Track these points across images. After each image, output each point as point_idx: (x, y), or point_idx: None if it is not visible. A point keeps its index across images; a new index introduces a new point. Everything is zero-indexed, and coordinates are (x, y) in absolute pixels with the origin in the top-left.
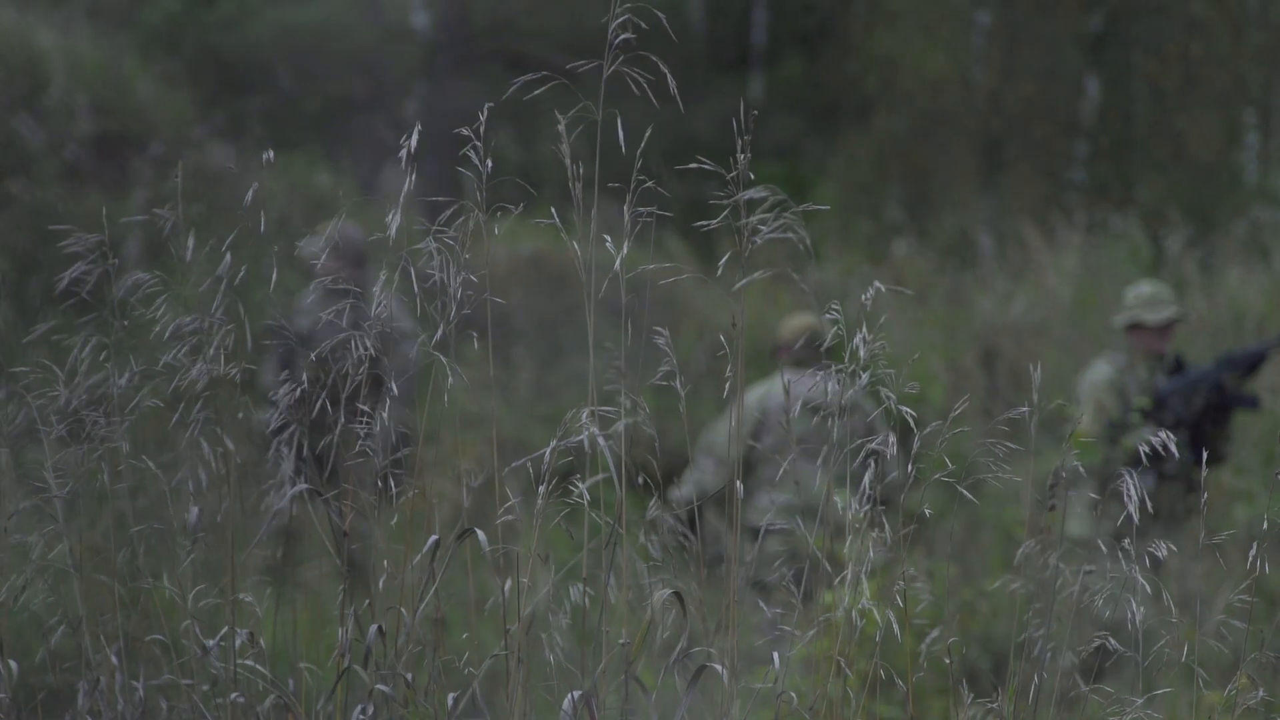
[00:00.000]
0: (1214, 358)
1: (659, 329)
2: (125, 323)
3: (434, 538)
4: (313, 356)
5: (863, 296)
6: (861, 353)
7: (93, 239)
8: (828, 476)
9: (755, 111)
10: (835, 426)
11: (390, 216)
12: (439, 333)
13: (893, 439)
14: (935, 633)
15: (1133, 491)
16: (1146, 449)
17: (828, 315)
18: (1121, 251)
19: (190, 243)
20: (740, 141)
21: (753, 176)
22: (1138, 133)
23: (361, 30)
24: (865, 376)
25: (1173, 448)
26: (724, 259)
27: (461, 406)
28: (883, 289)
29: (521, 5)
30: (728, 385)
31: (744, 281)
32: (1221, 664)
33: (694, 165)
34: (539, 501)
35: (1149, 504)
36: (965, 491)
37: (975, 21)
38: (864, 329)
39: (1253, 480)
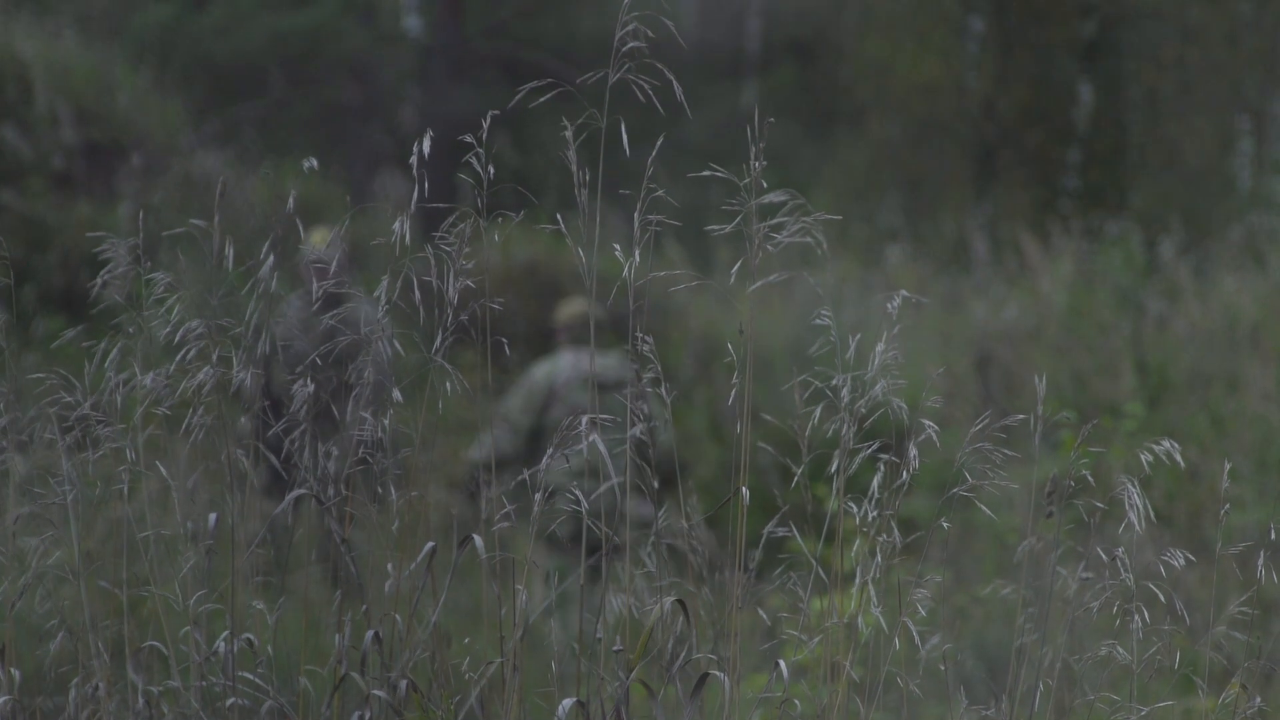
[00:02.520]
0: None
1: (644, 336)
2: (143, 329)
3: (430, 545)
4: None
5: (888, 306)
6: (875, 361)
7: (126, 243)
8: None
9: (771, 119)
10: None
11: (397, 223)
12: (438, 339)
13: (660, 410)
14: (934, 639)
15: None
16: None
17: (820, 320)
18: (1116, 258)
19: (229, 251)
20: (754, 149)
21: (765, 185)
22: (1131, 139)
23: (354, 35)
24: (880, 385)
25: None
26: (736, 265)
27: (457, 412)
28: (899, 298)
29: (515, 9)
30: (733, 393)
31: (758, 284)
32: (1216, 672)
33: (706, 172)
34: (535, 509)
35: None
36: (975, 500)
37: (968, 28)
38: (883, 339)
39: (1246, 486)
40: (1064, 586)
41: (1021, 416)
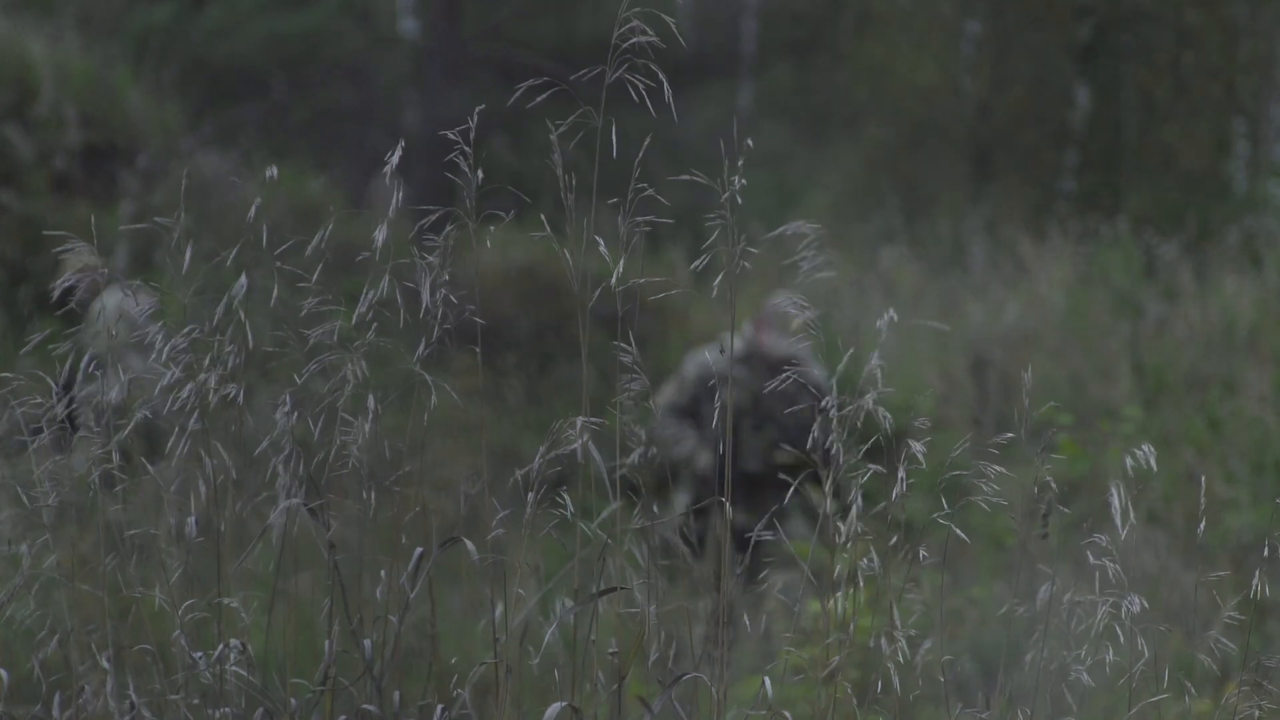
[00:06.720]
0: None
1: (623, 345)
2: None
3: (419, 550)
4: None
5: (877, 323)
6: (864, 373)
7: (83, 248)
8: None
9: (750, 142)
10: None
11: (378, 229)
12: (420, 347)
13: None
14: (928, 644)
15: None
16: None
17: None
18: (1114, 260)
19: (180, 252)
20: (727, 164)
21: (740, 198)
22: (1128, 142)
23: (350, 38)
24: (871, 396)
25: None
26: (717, 280)
27: (450, 415)
28: (887, 317)
29: (512, 11)
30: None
31: (732, 299)
32: (1211, 676)
33: (685, 176)
34: (528, 511)
35: None
36: (961, 507)
37: (965, 30)
38: (875, 354)
39: (1242, 489)
40: (1060, 590)
41: (1010, 435)
